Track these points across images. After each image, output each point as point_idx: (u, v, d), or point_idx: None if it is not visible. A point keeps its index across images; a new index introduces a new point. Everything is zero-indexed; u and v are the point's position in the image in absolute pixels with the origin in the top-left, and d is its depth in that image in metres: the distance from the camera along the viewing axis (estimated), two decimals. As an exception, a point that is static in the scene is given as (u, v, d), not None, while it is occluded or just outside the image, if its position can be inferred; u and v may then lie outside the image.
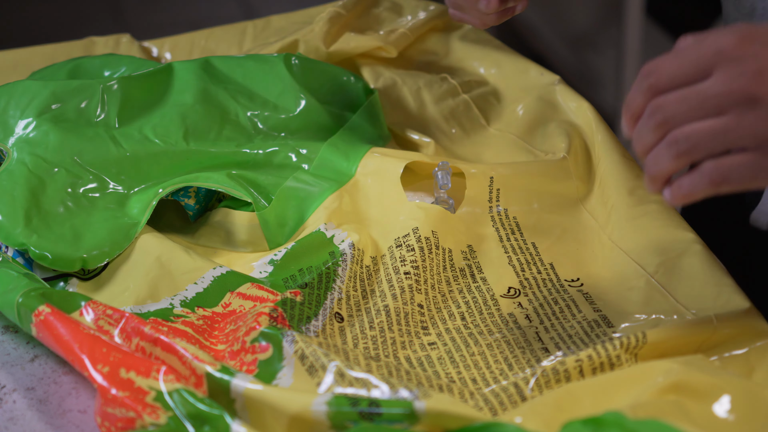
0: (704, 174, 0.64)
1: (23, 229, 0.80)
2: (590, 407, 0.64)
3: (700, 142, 0.63)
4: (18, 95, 0.88)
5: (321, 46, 1.01)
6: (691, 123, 0.63)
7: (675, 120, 0.63)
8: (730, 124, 0.62)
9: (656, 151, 0.64)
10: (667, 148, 0.64)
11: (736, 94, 0.62)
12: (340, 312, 0.78)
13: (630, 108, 0.65)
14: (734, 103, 0.62)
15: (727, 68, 0.62)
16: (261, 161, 0.89)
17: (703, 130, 0.63)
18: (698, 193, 0.64)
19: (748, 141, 0.62)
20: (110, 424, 0.69)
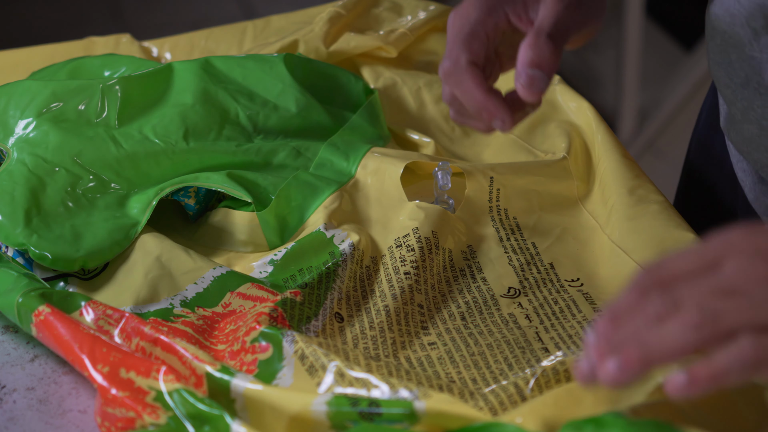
0: (744, 348, 0.56)
1: (23, 229, 0.80)
2: (590, 407, 0.64)
3: (724, 313, 0.57)
4: (18, 95, 0.88)
5: (321, 46, 1.01)
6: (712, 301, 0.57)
7: (687, 300, 0.57)
8: (758, 302, 0.57)
9: (666, 326, 0.57)
10: (683, 319, 0.57)
11: (757, 274, 0.57)
12: (340, 312, 0.78)
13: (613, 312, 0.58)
14: (756, 284, 0.57)
15: (741, 255, 0.58)
16: (261, 161, 0.89)
17: (724, 302, 0.57)
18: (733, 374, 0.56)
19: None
20: (110, 424, 0.69)
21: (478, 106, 0.73)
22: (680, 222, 0.83)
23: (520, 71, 0.71)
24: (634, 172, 0.88)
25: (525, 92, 0.72)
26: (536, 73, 0.71)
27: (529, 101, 0.72)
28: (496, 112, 0.72)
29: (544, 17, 0.73)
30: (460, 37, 0.74)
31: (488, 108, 0.72)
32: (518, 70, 0.72)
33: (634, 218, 0.84)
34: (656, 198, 0.85)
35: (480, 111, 0.73)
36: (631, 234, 0.83)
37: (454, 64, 0.73)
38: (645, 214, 0.84)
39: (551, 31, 0.72)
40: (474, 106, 0.73)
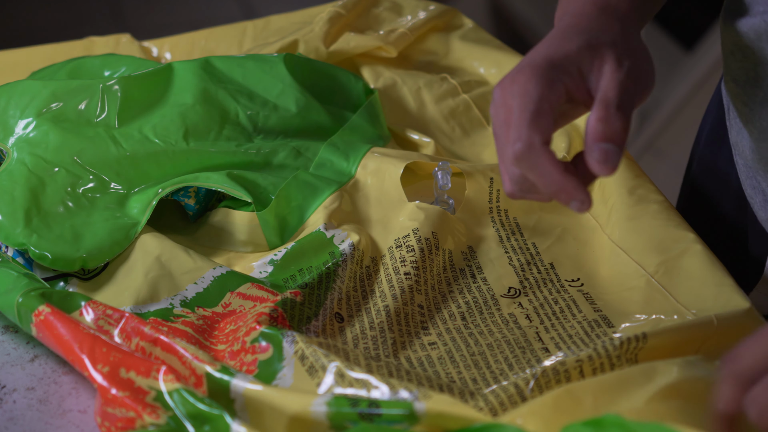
0: None
1: (23, 229, 0.80)
2: (590, 408, 0.64)
3: None
4: (18, 95, 0.88)
5: (321, 46, 1.01)
6: None
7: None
8: None
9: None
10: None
11: None
12: (341, 312, 0.78)
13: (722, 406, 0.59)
14: None
15: None
16: (261, 161, 0.89)
17: None
18: None
19: None
20: (110, 424, 0.69)
21: (557, 189, 0.69)
22: (680, 222, 0.83)
23: (592, 146, 0.68)
24: (634, 172, 0.88)
25: (599, 168, 0.68)
26: (610, 147, 0.68)
27: (603, 176, 0.69)
28: (575, 194, 0.68)
29: (608, 87, 0.70)
30: (526, 116, 0.69)
31: (567, 189, 0.68)
32: (589, 144, 0.68)
33: (634, 218, 0.84)
34: (656, 198, 0.85)
35: (559, 193, 0.69)
36: (631, 234, 0.83)
37: (528, 148, 0.68)
38: (645, 214, 0.84)
39: (620, 103, 0.69)
40: (552, 189, 0.69)
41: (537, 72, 0.69)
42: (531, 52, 0.73)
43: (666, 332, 0.72)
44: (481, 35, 1.08)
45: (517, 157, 0.68)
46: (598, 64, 0.70)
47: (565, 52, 0.70)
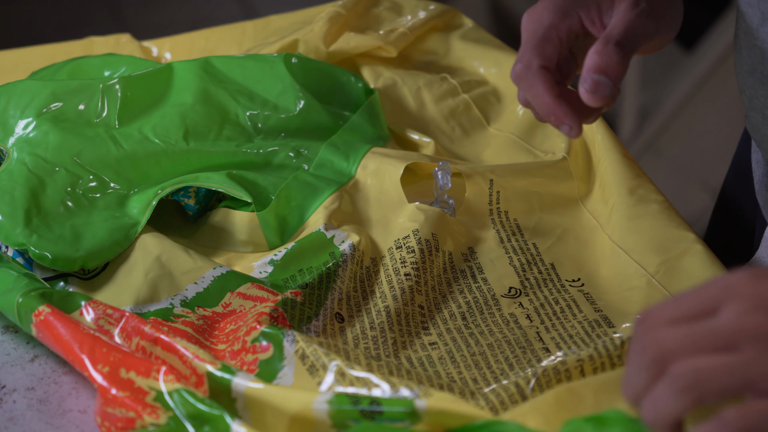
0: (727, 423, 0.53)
1: (23, 229, 0.80)
2: (591, 406, 0.64)
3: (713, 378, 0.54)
4: (18, 95, 0.88)
5: (321, 46, 1.01)
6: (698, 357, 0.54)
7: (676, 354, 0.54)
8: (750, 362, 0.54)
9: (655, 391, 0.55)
10: (670, 384, 0.54)
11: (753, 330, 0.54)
12: (341, 312, 0.78)
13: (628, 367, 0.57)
14: (751, 340, 0.54)
15: (739, 303, 0.55)
16: (261, 161, 0.89)
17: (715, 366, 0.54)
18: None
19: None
20: (110, 424, 0.69)
21: (547, 111, 0.73)
22: (680, 222, 0.83)
23: (585, 76, 0.71)
24: (635, 172, 0.88)
25: (588, 97, 0.71)
26: (601, 79, 0.71)
27: (592, 106, 0.72)
28: (564, 118, 0.72)
29: (616, 24, 0.73)
30: (532, 41, 0.74)
31: (556, 113, 0.72)
32: (583, 74, 0.71)
33: (634, 218, 0.84)
34: (656, 198, 0.85)
35: (549, 115, 0.73)
36: (632, 234, 0.83)
37: (525, 68, 0.73)
38: (645, 214, 0.84)
39: (620, 39, 0.72)
40: (543, 111, 0.73)
41: (555, 2, 0.74)
42: None
43: (666, 332, 0.72)
44: (481, 35, 1.08)
45: (515, 76, 0.74)
46: (617, 2, 0.73)
47: None
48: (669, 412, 0.54)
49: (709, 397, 0.54)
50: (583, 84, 0.71)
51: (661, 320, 0.56)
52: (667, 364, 0.54)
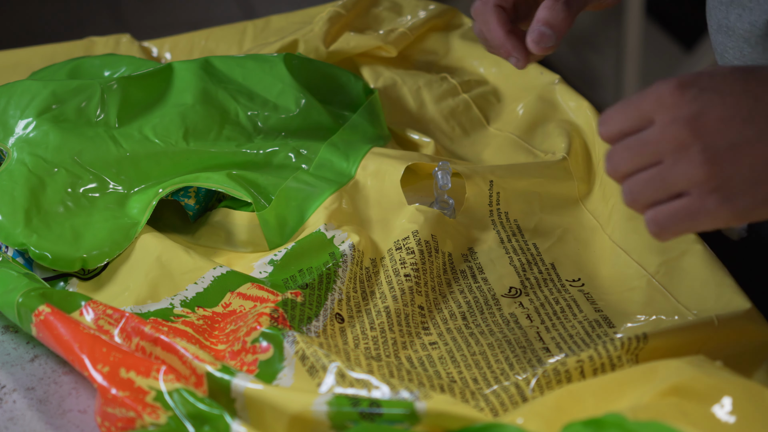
0: (647, 223, 0.65)
1: (23, 229, 0.80)
2: (591, 408, 0.64)
3: (641, 192, 0.64)
4: (18, 95, 0.88)
5: (321, 46, 1.01)
6: (635, 173, 0.65)
7: (620, 170, 0.65)
8: (665, 171, 0.63)
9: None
10: (622, 196, 0.66)
11: (669, 140, 0.63)
12: (341, 313, 0.78)
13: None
14: (669, 150, 0.63)
15: (664, 115, 0.63)
16: (261, 161, 0.89)
17: (641, 180, 0.64)
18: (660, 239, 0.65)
19: (683, 185, 0.63)
20: (110, 424, 0.69)
21: (498, 44, 0.82)
22: (681, 222, 0.83)
23: (533, 27, 0.80)
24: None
25: (533, 46, 0.80)
26: (546, 31, 0.79)
27: (536, 53, 0.81)
28: (512, 51, 0.81)
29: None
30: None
31: (506, 47, 0.81)
32: (532, 25, 0.80)
33: (634, 218, 0.84)
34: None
35: (499, 48, 0.82)
36: (632, 234, 0.83)
37: (483, 4, 0.82)
38: (645, 214, 0.84)
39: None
40: (495, 43, 0.82)
41: None
42: None
43: (667, 333, 0.72)
44: (482, 35, 1.07)
45: (474, 11, 0.83)
46: None
47: None
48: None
49: (648, 205, 0.64)
50: (530, 33, 0.80)
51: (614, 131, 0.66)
52: (616, 178, 0.66)
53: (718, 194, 0.63)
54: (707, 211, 0.63)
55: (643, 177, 0.64)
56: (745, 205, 0.63)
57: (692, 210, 0.63)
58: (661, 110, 0.64)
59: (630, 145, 0.65)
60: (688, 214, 0.64)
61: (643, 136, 0.64)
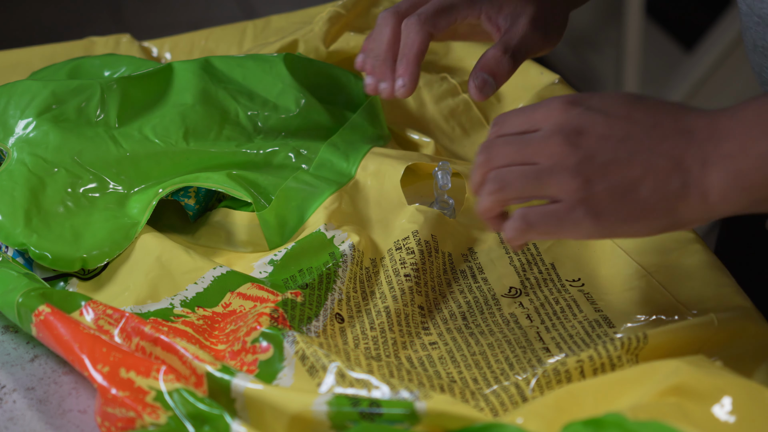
0: (514, 219, 0.69)
1: (23, 229, 0.80)
2: (591, 408, 0.64)
3: (513, 182, 0.68)
4: (18, 95, 0.88)
5: (321, 46, 1.01)
6: (508, 168, 0.69)
7: (494, 161, 0.69)
8: (540, 172, 0.67)
9: (480, 191, 0.70)
10: (484, 186, 0.69)
11: (550, 146, 0.67)
12: (341, 313, 0.78)
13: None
14: (547, 155, 0.67)
15: (550, 125, 0.68)
16: (261, 161, 0.89)
17: (515, 171, 0.68)
18: (515, 239, 0.69)
19: (554, 191, 0.67)
20: (110, 424, 0.69)
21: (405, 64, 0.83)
22: (681, 222, 0.83)
23: (477, 73, 0.82)
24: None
25: (475, 92, 0.82)
26: (489, 80, 0.82)
27: (476, 100, 0.83)
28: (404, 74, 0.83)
29: (514, 35, 0.83)
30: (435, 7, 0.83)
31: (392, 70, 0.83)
32: (476, 70, 0.82)
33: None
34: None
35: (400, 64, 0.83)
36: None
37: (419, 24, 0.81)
38: (645, 214, 0.84)
39: (516, 51, 0.83)
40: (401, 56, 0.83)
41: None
42: None
43: (667, 332, 0.72)
44: (482, 35, 1.07)
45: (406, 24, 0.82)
46: (518, 11, 0.84)
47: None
48: (484, 207, 0.69)
49: (511, 198, 0.68)
50: (474, 79, 0.82)
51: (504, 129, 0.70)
52: (489, 167, 0.69)
53: (585, 206, 0.66)
54: (573, 221, 0.67)
55: (518, 170, 0.68)
56: (608, 221, 0.67)
57: (561, 216, 0.67)
58: (549, 121, 0.68)
59: (511, 141, 0.69)
60: (557, 219, 0.67)
61: (526, 137, 0.69)
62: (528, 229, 0.68)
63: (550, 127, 0.68)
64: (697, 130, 0.66)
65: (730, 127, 0.66)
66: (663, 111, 0.68)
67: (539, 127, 0.69)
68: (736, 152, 0.65)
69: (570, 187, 0.67)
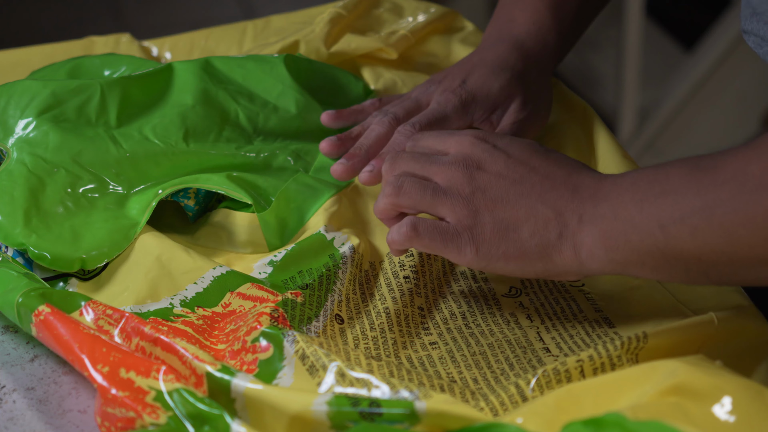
0: (403, 224, 0.74)
1: (22, 229, 0.80)
2: (591, 408, 0.64)
3: (410, 190, 0.74)
4: (18, 95, 0.88)
5: (322, 47, 1.01)
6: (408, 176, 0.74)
7: (398, 168, 0.75)
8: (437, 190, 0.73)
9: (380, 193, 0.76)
10: (384, 187, 0.75)
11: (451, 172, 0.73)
12: (340, 314, 0.78)
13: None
14: (446, 179, 0.73)
15: (457, 154, 0.74)
16: (261, 164, 0.89)
17: (415, 181, 0.74)
18: (398, 243, 0.74)
19: (444, 213, 0.73)
20: (110, 424, 0.69)
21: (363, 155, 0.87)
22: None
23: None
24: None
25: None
26: None
27: None
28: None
29: (507, 123, 0.89)
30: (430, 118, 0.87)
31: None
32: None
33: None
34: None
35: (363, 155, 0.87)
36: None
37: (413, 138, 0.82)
38: (645, 214, 0.84)
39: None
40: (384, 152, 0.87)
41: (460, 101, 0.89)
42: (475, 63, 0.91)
43: (667, 332, 0.72)
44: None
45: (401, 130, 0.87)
46: (508, 103, 0.89)
47: (489, 89, 0.89)
48: (380, 208, 0.76)
49: (405, 205, 0.74)
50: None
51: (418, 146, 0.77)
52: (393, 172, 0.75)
53: (469, 234, 0.72)
54: (457, 244, 0.72)
55: (417, 182, 0.74)
56: (488, 253, 0.72)
57: (448, 236, 0.73)
58: (457, 149, 0.75)
59: (418, 157, 0.75)
60: (444, 237, 0.72)
61: (433, 157, 0.75)
62: (414, 237, 0.73)
63: (456, 155, 0.74)
64: (582, 187, 0.71)
65: (609, 190, 0.70)
66: (559, 164, 0.73)
67: (448, 152, 0.75)
68: (607, 214, 0.69)
69: (461, 213, 0.72)
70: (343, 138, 0.90)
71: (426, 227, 0.73)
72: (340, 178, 0.87)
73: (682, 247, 0.67)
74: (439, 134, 0.77)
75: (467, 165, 0.73)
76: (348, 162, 0.87)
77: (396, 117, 0.89)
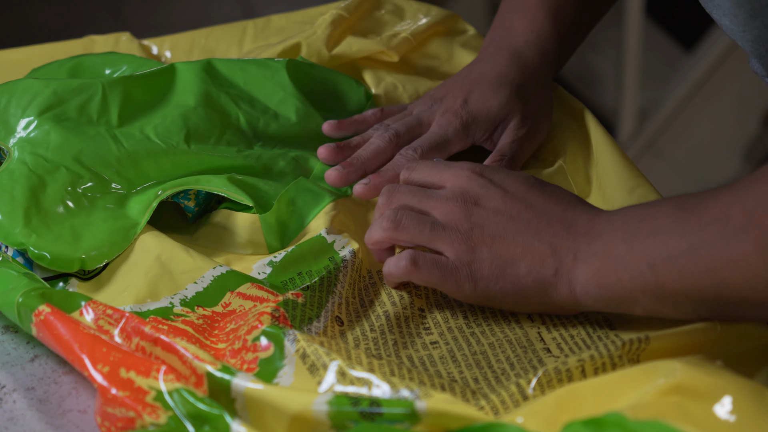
0: (402, 257, 0.75)
1: (22, 229, 0.80)
2: (592, 407, 0.64)
3: (407, 225, 0.74)
4: (19, 94, 0.88)
5: (323, 50, 1.01)
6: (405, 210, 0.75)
7: (394, 202, 0.76)
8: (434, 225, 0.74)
9: (375, 223, 0.77)
10: (380, 220, 0.76)
11: (449, 207, 0.74)
12: (340, 316, 0.78)
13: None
14: (443, 214, 0.74)
15: (454, 188, 0.75)
16: (261, 168, 0.89)
17: (412, 215, 0.75)
18: (396, 276, 0.75)
19: (442, 247, 0.74)
20: (110, 424, 0.69)
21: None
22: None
23: None
24: (634, 173, 0.88)
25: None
26: None
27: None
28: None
29: (507, 142, 0.89)
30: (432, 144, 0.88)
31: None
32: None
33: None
34: (656, 197, 0.85)
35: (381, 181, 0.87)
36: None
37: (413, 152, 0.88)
38: (646, 214, 0.84)
39: (512, 155, 0.89)
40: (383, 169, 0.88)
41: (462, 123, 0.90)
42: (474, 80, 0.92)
43: (669, 335, 0.72)
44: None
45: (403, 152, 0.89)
46: (508, 120, 0.90)
47: (489, 108, 0.90)
48: (375, 239, 0.77)
49: (403, 239, 0.75)
50: None
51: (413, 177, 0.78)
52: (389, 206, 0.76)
53: (468, 269, 0.73)
54: (456, 280, 0.73)
55: (416, 216, 0.75)
56: (485, 289, 0.73)
57: (447, 271, 0.74)
58: (454, 182, 0.75)
59: (415, 191, 0.76)
60: (443, 272, 0.74)
61: (429, 191, 0.76)
62: (413, 271, 0.74)
63: (453, 189, 0.75)
64: (577, 224, 0.72)
65: (603, 228, 0.71)
66: (556, 200, 0.74)
67: (445, 185, 0.76)
68: (600, 252, 0.70)
69: (460, 248, 0.73)
70: (342, 146, 0.90)
71: (425, 262, 0.74)
72: (333, 184, 0.87)
73: (671, 286, 0.68)
74: (435, 165, 0.78)
75: (465, 200, 0.74)
76: (343, 170, 0.87)
77: (397, 133, 0.90)
